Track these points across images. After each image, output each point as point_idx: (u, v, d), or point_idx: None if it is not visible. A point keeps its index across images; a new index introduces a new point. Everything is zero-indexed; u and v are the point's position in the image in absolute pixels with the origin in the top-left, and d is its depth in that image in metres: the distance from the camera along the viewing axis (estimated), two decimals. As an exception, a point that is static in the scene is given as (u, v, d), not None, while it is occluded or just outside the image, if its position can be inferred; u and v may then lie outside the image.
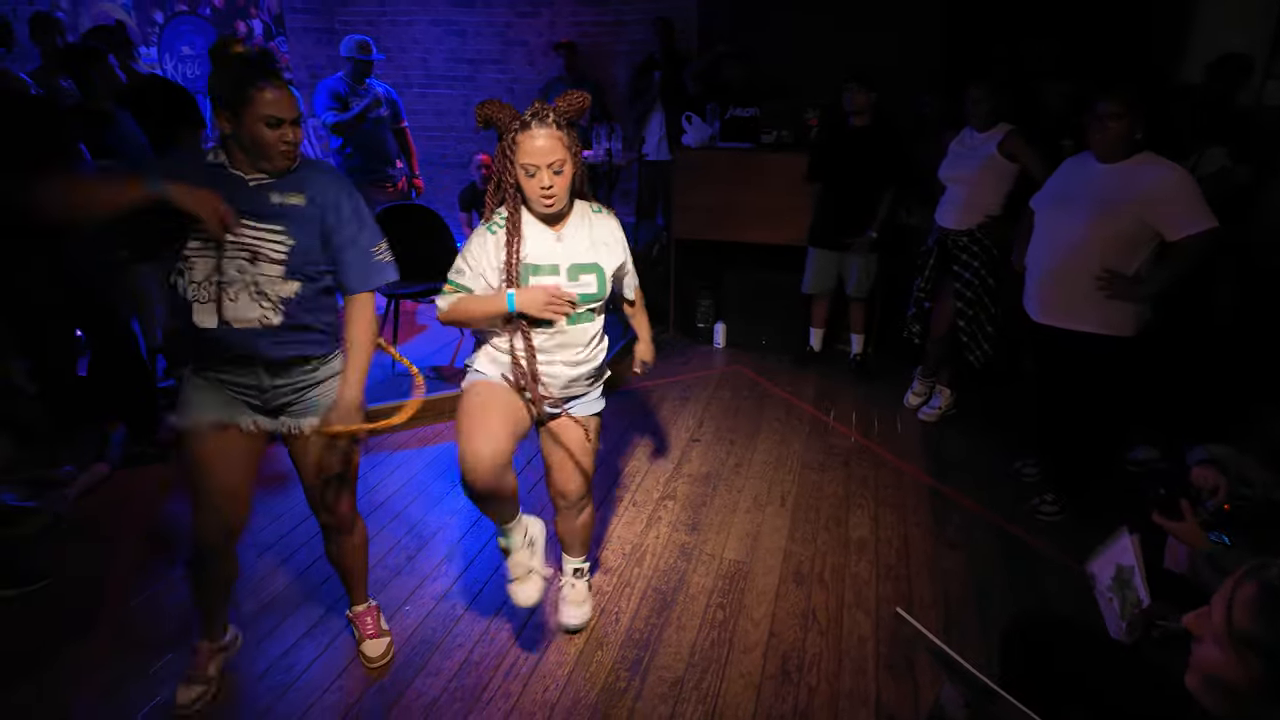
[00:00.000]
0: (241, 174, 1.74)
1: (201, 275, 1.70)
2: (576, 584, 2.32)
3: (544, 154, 1.72)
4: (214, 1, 5.22)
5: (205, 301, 1.71)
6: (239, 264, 1.71)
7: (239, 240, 1.71)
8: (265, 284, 1.74)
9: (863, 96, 3.68)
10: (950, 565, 2.61)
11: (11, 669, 2.13)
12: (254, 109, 1.65)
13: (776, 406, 3.85)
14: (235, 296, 1.72)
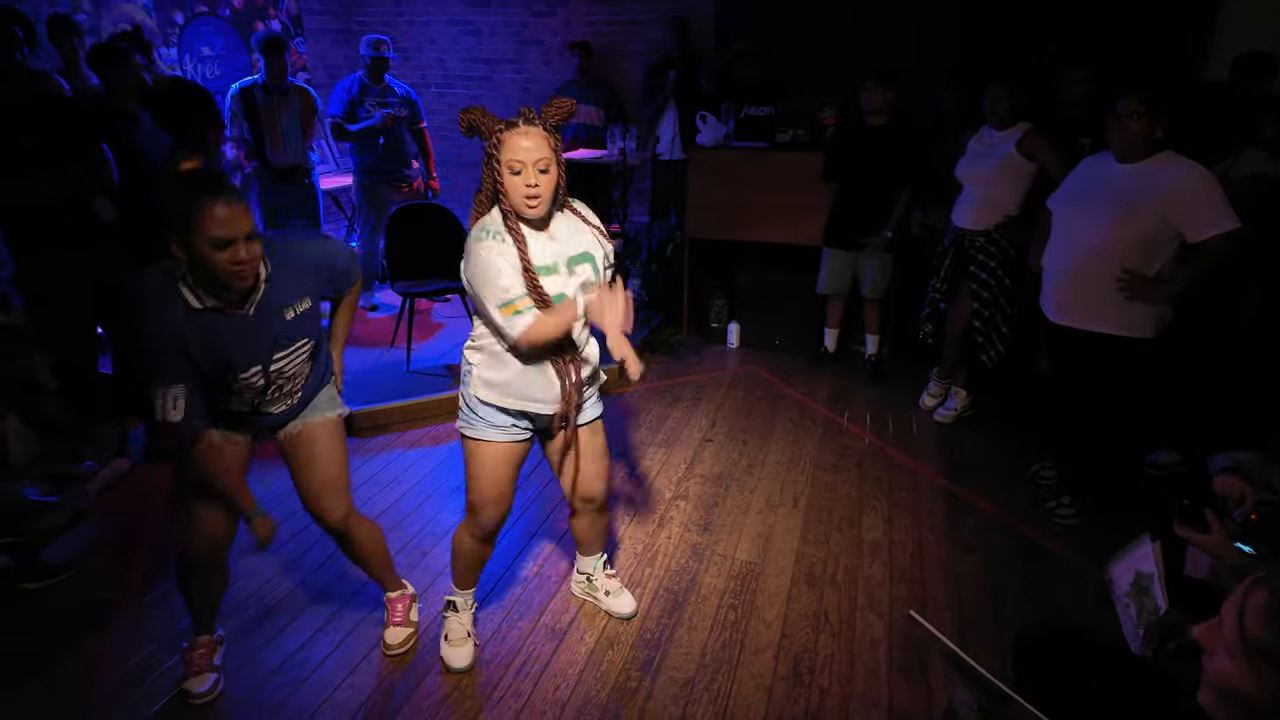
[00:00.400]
0: (238, 311, 1.71)
1: (250, 393, 1.84)
2: (611, 575, 2.40)
3: (530, 152, 1.69)
4: (234, 3, 5.27)
5: (243, 401, 1.87)
6: (283, 380, 1.87)
7: (283, 360, 1.84)
8: (294, 384, 1.92)
9: (880, 95, 3.66)
10: (965, 568, 2.59)
11: (32, 661, 2.16)
12: (200, 235, 1.55)
13: (790, 407, 3.83)
14: (274, 397, 1.89)
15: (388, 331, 4.39)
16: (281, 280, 1.77)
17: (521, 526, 2.84)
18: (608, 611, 2.36)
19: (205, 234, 1.56)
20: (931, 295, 3.54)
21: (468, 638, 2.18)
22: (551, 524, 2.85)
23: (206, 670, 2.05)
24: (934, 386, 3.75)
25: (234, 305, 1.70)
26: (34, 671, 2.13)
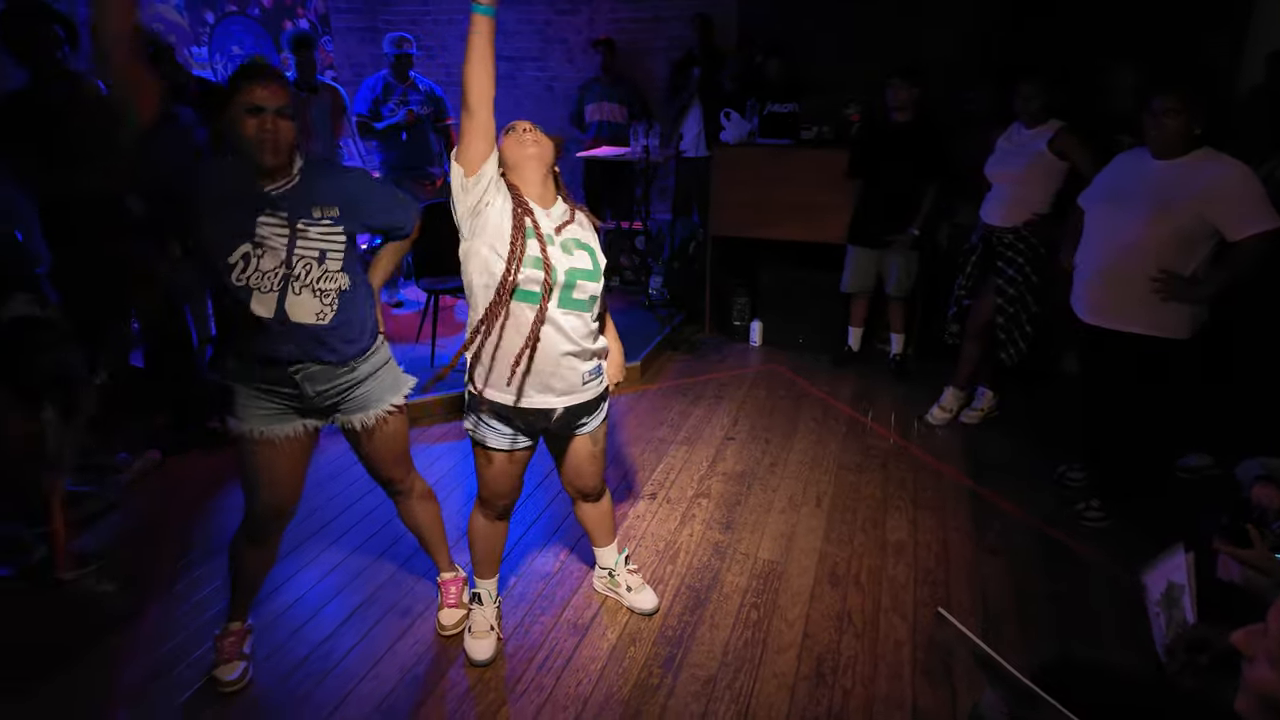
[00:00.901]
0: (260, 186, 1.76)
1: (270, 265, 1.74)
2: (633, 571, 2.41)
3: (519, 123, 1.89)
4: (263, 2, 5.34)
5: (266, 291, 1.74)
6: (308, 262, 1.77)
7: (307, 240, 1.77)
8: (326, 280, 1.80)
9: (906, 92, 3.63)
10: (990, 571, 2.56)
11: (65, 648, 2.21)
12: (238, 100, 1.69)
13: (813, 406, 3.81)
14: (299, 291, 1.77)
15: (412, 328, 4.43)
16: (316, 180, 1.83)
17: (543, 524, 2.85)
18: (629, 607, 2.37)
19: (242, 101, 1.69)
20: (957, 293, 3.50)
21: (490, 631, 2.20)
22: (572, 521, 2.85)
23: (236, 658, 2.09)
24: (947, 398, 3.60)
25: (264, 179, 1.76)
26: (67, 659, 2.17)
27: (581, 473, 2.15)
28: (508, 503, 2.12)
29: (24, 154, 2.79)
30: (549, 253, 1.77)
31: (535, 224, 1.78)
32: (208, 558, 2.61)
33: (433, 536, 2.28)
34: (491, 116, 1.73)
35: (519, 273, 1.74)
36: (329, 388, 1.88)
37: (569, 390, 1.89)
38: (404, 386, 2.04)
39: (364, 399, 1.95)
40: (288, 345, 1.79)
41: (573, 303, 1.83)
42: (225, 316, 1.85)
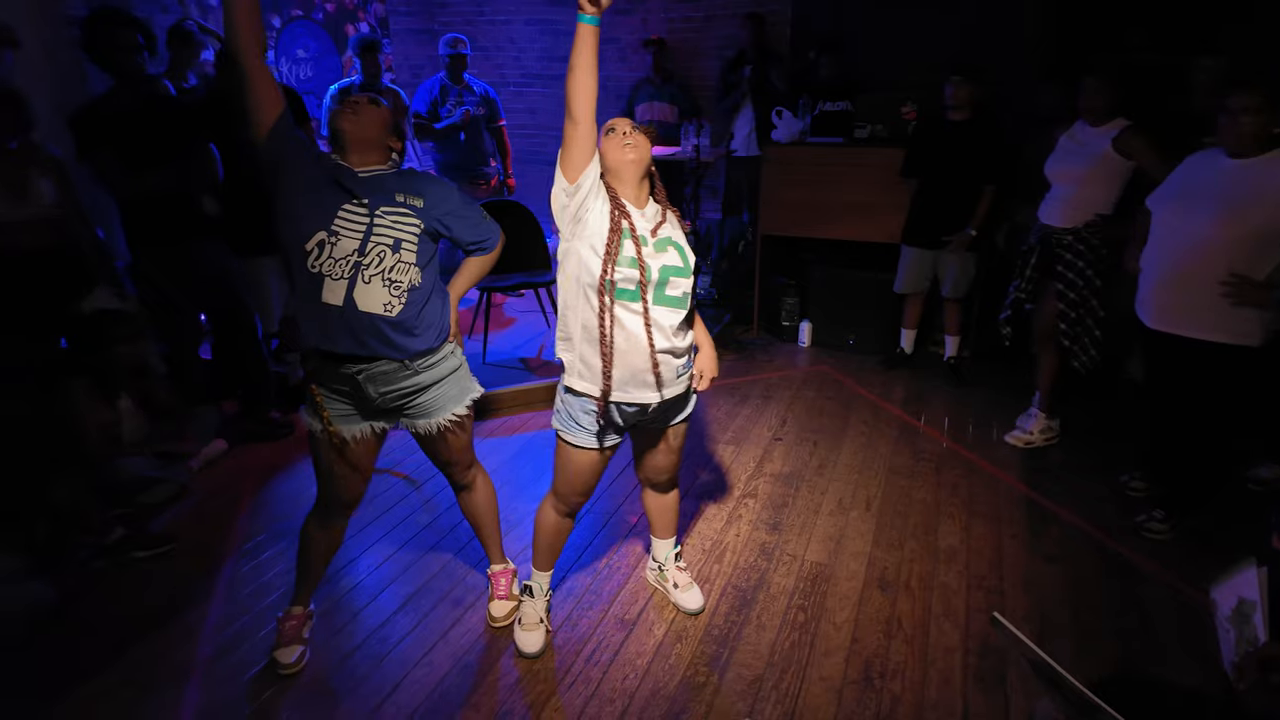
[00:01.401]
0: (348, 165, 1.87)
1: (343, 252, 1.79)
2: (681, 568, 2.43)
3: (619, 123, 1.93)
4: (326, 7, 5.51)
5: (337, 278, 1.79)
6: (381, 250, 1.81)
7: (384, 227, 1.82)
8: (398, 272, 1.84)
9: (965, 90, 3.56)
10: (1046, 580, 2.50)
11: (140, 625, 2.33)
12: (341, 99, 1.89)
13: (863, 408, 3.77)
14: (369, 279, 1.81)
15: (465, 324, 4.52)
16: (411, 177, 1.94)
17: (592, 518, 2.88)
18: (675, 605, 2.39)
19: (342, 99, 1.90)
20: (1014, 296, 3.41)
21: (540, 624, 2.24)
22: (621, 516, 2.89)
23: (295, 642, 2.17)
24: (1036, 420, 3.38)
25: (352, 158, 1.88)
26: (141, 635, 2.29)
27: (660, 466, 2.20)
28: (582, 500, 2.15)
29: (106, 155, 2.93)
30: (643, 252, 1.82)
31: (631, 225, 1.82)
32: (271, 543, 2.72)
33: (488, 528, 2.34)
34: (594, 124, 1.77)
35: (615, 272, 1.78)
36: (391, 390, 1.92)
37: (664, 385, 1.92)
38: (469, 395, 2.08)
39: (428, 406, 1.99)
40: (349, 337, 1.82)
41: (666, 299, 1.87)
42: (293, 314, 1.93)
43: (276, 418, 3.53)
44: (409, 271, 1.86)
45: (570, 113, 1.73)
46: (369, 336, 1.84)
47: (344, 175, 1.84)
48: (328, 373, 1.89)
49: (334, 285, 1.79)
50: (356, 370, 1.87)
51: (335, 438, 1.94)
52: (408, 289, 1.86)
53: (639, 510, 2.92)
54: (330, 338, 1.84)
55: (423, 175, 1.98)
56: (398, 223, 1.84)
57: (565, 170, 1.80)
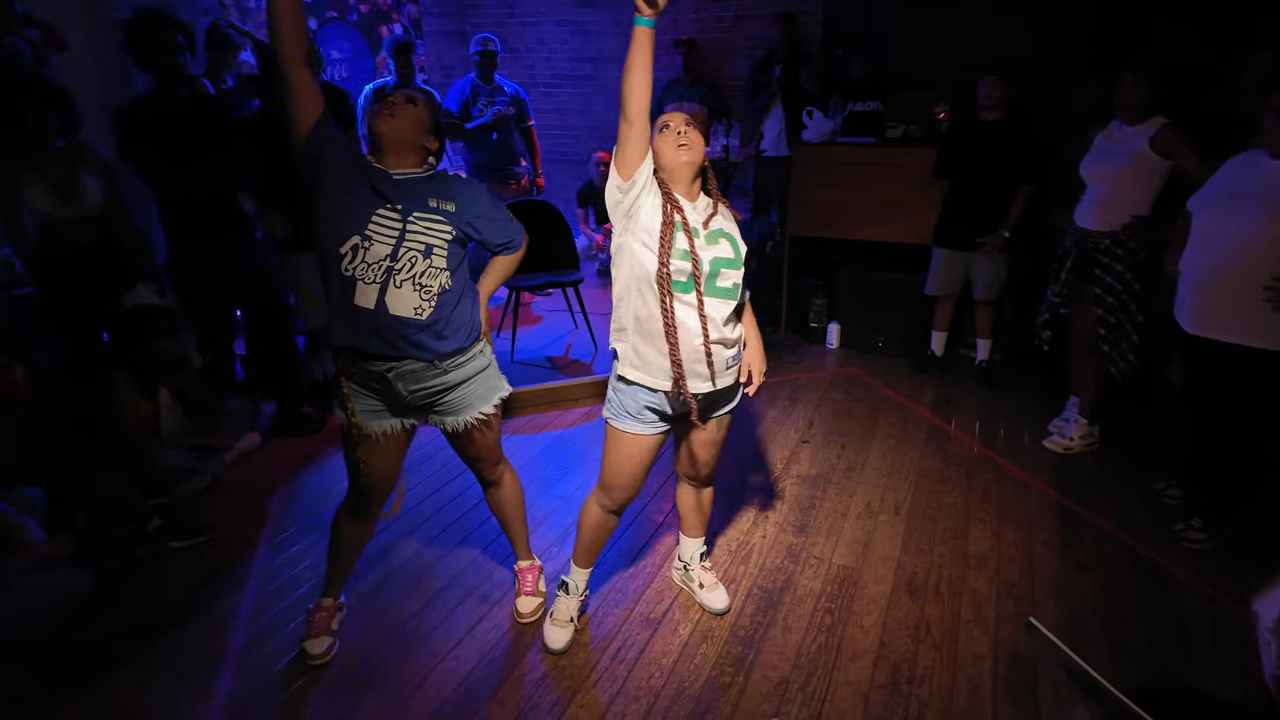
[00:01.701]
0: (383, 168, 1.89)
1: (375, 257, 1.82)
2: (707, 567, 2.42)
3: (675, 118, 1.93)
4: (360, 9, 5.59)
5: (370, 282, 1.82)
6: (413, 255, 1.84)
7: (416, 233, 1.85)
8: (429, 277, 1.86)
9: (999, 89, 3.52)
10: (1078, 588, 2.45)
11: (176, 612, 2.38)
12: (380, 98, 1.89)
13: (892, 411, 3.73)
14: (400, 284, 1.84)
15: (493, 322, 4.56)
16: (443, 181, 1.95)
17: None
18: (701, 604, 2.39)
19: (379, 99, 1.93)
20: (1050, 300, 3.36)
21: (570, 623, 2.25)
22: (648, 515, 2.89)
23: (325, 634, 2.20)
24: (1075, 426, 3.32)
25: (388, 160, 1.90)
26: (176, 623, 2.34)
27: (700, 459, 2.20)
28: (628, 495, 2.13)
29: (147, 154, 3.00)
30: (695, 244, 1.84)
31: (684, 218, 1.85)
32: (302, 535, 2.77)
33: (515, 524, 2.35)
34: (648, 124, 1.80)
35: (670, 264, 1.81)
36: (421, 388, 1.94)
37: (717, 375, 1.95)
38: (498, 393, 2.09)
39: (457, 403, 2.01)
40: (378, 339, 1.85)
41: (717, 290, 1.88)
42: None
43: (309, 412, 3.59)
44: (439, 276, 1.88)
45: (625, 113, 1.76)
46: (399, 339, 1.86)
47: (379, 179, 1.86)
48: (359, 370, 1.92)
49: (366, 289, 1.82)
50: (386, 368, 1.89)
51: (357, 430, 1.97)
52: (438, 293, 1.88)
53: (665, 509, 2.92)
54: (362, 338, 1.86)
55: (454, 178, 2.00)
56: (429, 228, 1.87)
57: (620, 168, 1.83)
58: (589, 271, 5.40)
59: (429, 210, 1.88)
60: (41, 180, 2.90)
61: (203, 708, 2.03)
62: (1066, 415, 3.45)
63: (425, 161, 1.96)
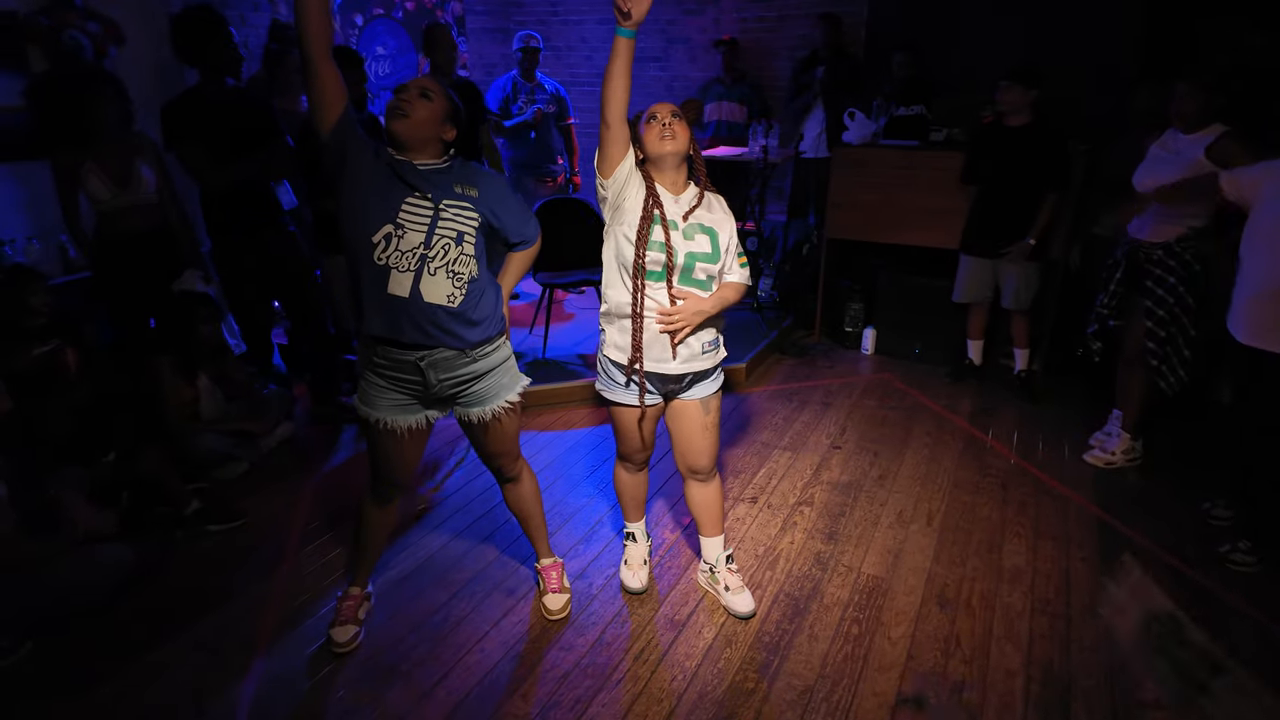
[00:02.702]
0: (405, 158, 1.90)
1: (409, 245, 1.84)
2: (733, 570, 2.42)
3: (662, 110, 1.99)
4: (406, 5, 5.66)
5: (404, 270, 1.84)
6: (445, 242, 1.86)
7: (448, 220, 1.87)
8: (460, 264, 1.89)
9: (1017, 94, 3.44)
10: (1118, 608, 2.38)
11: (211, 596, 2.44)
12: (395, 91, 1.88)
13: (927, 420, 3.66)
14: (434, 272, 1.86)
15: (525, 319, 4.58)
16: (463, 169, 1.97)
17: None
18: (726, 608, 2.37)
19: (396, 89, 1.90)
20: (1099, 311, 3.26)
21: (644, 564, 2.47)
22: (676, 514, 2.88)
23: (351, 623, 2.24)
24: (1117, 440, 3.23)
25: (410, 152, 1.89)
26: (212, 605, 2.40)
27: (693, 446, 2.23)
28: (642, 454, 2.31)
29: (193, 146, 3.07)
30: (671, 237, 1.97)
31: (662, 212, 1.97)
32: (334, 523, 2.81)
33: (534, 522, 2.36)
34: (625, 128, 1.92)
35: (646, 255, 1.96)
36: (451, 377, 1.96)
37: (690, 358, 2.08)
38: (519, 385, 2.13)
39: (482, 393, 2.03)
40: (413, 328, 1.87)
41: (692, 282, 2.02)
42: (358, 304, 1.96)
43: (344, 401, 3.65)
44: (470, 264, 1.91)
45: (604, 117, 1.89)
46: (432, 326, 1.88)
47: (404, 170, 1.88)
48: (389, 360, 1.94)
49: (400, 277, 1.84)
50: (419, 356, 1.92)
51: (381, 425, 2.00)
52: (468, 280, 1.91)
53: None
54: (396, 327, 1.88)
55: (472, 166, 2.01)
56: (459, 215, 1.89)
57: (600, 167, 1.98)
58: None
59: (456, 197, 1.90)
60: (100, 169, 2.99)
61: (234, 688, 2.08)
62: (1109, 429, 3.35)
63: (445, 152, 1.96)
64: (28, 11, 3.64)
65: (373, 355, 1.96)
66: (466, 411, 2.07)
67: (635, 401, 2.12)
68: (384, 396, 1.99)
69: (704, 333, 2.08)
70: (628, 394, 2.12)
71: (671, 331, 2.02)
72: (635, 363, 2.04)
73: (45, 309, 2.75)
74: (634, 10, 1.76)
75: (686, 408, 2.18)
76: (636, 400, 2.12)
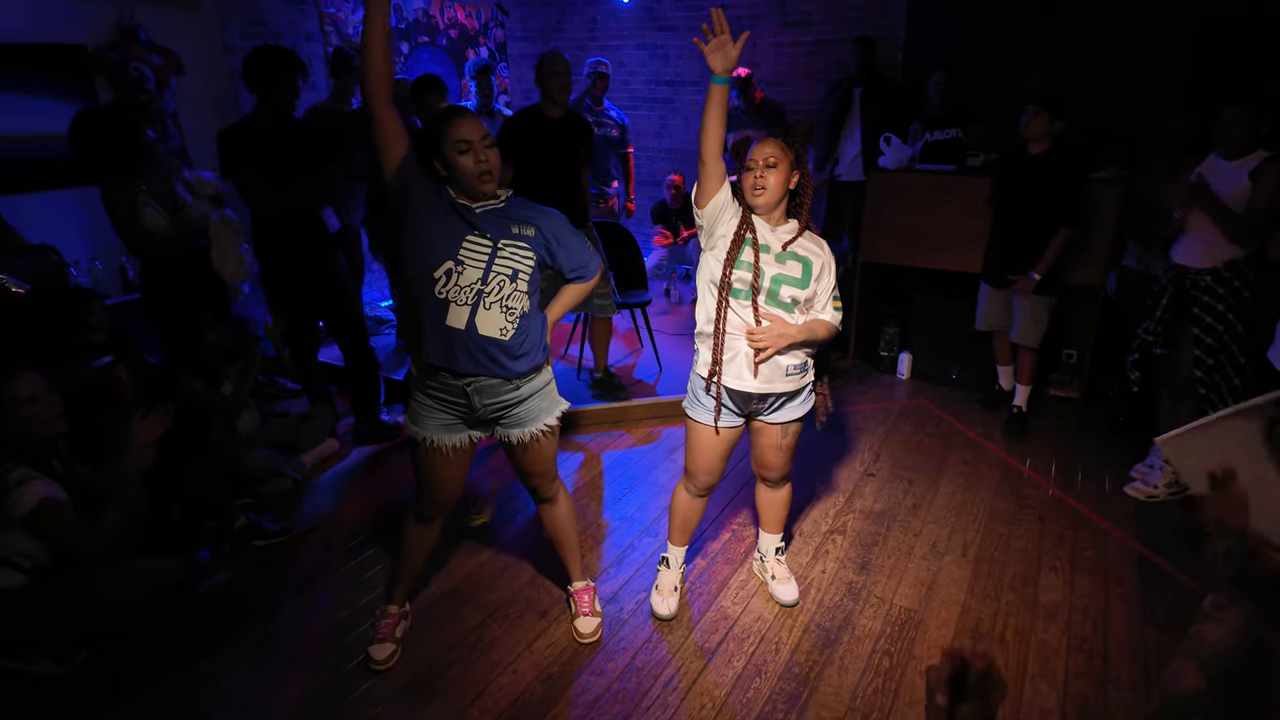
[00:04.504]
0: (466, 203, 1.97)
1: (468, 280, 1.93)
2: (780, 561, 2.58)
3: (760, 154, 2.05)
4: (450, 33, 5.83)
5: (462, 304, 1.94)
6: (501, 279, 1.96)
7: (504, 258, 1.95)
8: (514, 300, 1.98)
9: (1040, 120, 3.37)
10: (1158, 648, 2.33)
11: (255, 609, 2.52)
12: (445, 142, 1.90)
13: (963, 447, 3.62)
14: (489, 306, 1.95)
15: (561, 339, 4.65)
16: (520, 208, 2.04)
17: (676, 541, 2.90)
18: (770, 595, 2.55)
19: (451, 139, 1.90)
20: (1142, 339, 3.20)
21: (675, 591, 2.50)
22: (703, 543, 2.89)
23: (389, 641, 2.29)
24: (1160, 473, 3.17)
25: (474, 199, 1.97)
26: (255, 618, 2.48)
27: (766, 459, 2.37)
28: (709, 480, 2.37)
29: (250, 173, 3.19)
30: (761, 259, 2.07)
31: (754, 235, 2.08)
32: (374, 540, 2.88)
33: (569, 543, 2.40)
34: (720, 164, 2.05)
35: (732, 274, 2.06)
36: (495, 401, 2.04)
37: (771, 378, 2.14)
38: (559, 408, 2.18)
39: (523, 416, 2.10)
40: (466, 357, 1.96)
41: (778, 304, 2.10)
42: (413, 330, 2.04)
43: (386, 420, 3.74)
44: (522, 300, 2.00)
45: (700, 156, 2.03)
46: (483, 357, 1.97)
47: (465, 211, 1.95)
48: (440, 383, 2.02)
49: (458, 310, 1.94)
50: (466, 383, 2.00)
51: (429, 444, 2.07)
52: (520, 315, 2.00)
53: (722, 536, 2.92)
54: (451, 356, 1.97)
55: (530, 205, 2.08)
56: (515, 254, 1.97)
57: (697, 199, 2.11)
58: (656, 291, 5.44)
59: (513, 237, 1.98)
60: (153, 200, 3.13)
61: (277, 700, 2.15)
62: (1151, 461, 3.29)
63: (502, 192, 2.03)
64: (96, 45, 3.85)
65: (426, 379, 2.03)
66: (507, 433, 2.13)
67: (712, 423, 2.21)
68: (432, 416, 2.07)
69: (790, 356, 2.12)
70: (708, 413, 2.21)
71: (755, 349, 2.08)
72: (714, 375, 2.14)
73: (103, 327, 2.88)
74: (714, 63, 1.91)
75: (766, 427, 2.30)
76: (722, 422, 2.21)
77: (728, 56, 1.91)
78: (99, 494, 2.25)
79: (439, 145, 1.92)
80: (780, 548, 2.59)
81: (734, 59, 1.92)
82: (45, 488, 2.09)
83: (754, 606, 2.53)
